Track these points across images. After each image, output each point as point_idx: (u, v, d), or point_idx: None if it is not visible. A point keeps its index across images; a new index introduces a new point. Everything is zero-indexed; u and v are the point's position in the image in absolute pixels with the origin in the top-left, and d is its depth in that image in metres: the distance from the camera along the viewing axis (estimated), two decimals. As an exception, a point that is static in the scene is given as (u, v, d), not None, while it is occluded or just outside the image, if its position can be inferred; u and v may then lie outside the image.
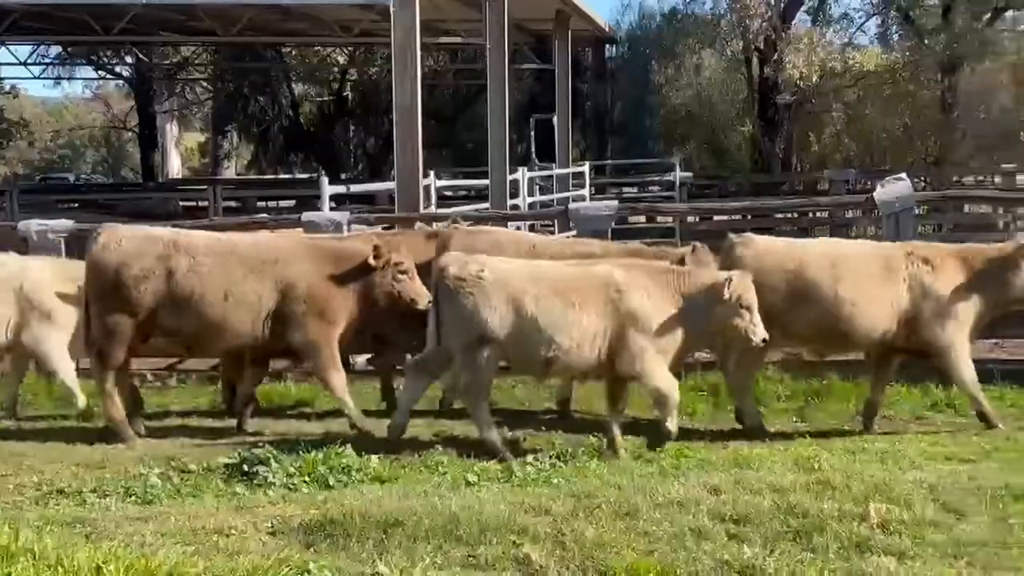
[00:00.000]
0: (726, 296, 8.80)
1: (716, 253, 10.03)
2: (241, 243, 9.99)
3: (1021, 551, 6.24)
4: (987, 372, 10.15)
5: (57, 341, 10.48)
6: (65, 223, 12.99)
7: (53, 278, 10.56)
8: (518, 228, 19.02)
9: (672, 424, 8.95)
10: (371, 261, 9.70)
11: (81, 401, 10.44)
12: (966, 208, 21.76)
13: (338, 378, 9.75)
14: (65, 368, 10.55)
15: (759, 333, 8.93)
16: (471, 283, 8.77)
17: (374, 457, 8.44)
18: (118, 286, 9.54)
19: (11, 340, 10.43)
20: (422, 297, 9.64)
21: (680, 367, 9.55)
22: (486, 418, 9.00)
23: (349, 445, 8.61)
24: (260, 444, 8.93)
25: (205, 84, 43.21)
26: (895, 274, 9.62)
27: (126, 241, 9.68)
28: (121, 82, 45.99)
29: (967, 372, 9.65)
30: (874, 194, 12.12)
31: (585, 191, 24.95)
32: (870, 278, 9.62)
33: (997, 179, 25.61)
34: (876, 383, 9.96)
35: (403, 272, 9.75)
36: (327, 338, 9.71)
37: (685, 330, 8.92)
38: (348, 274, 9.76)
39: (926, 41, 28.94)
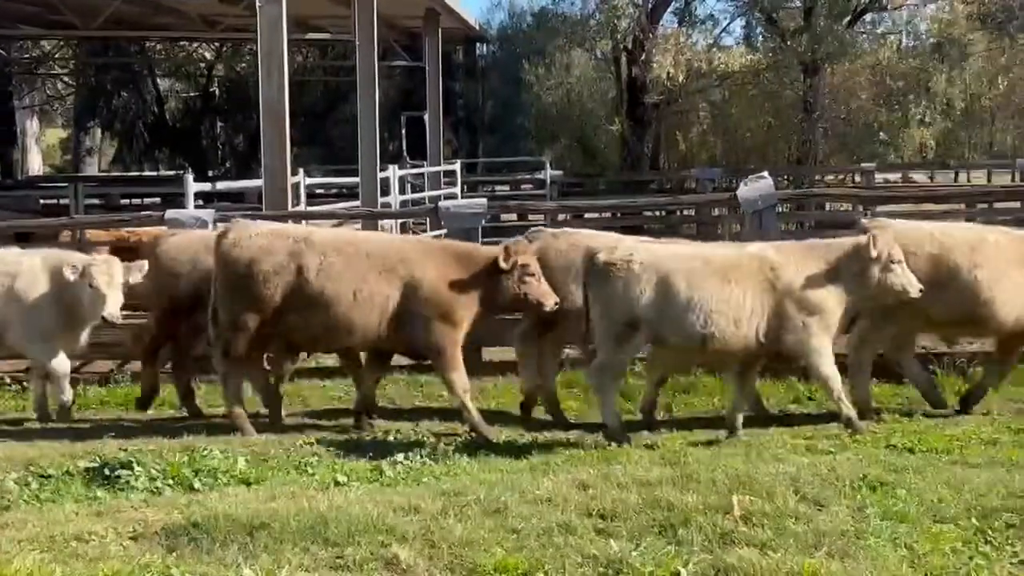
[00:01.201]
0: (874, 254, 8.89)
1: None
2: (368, 242, 9.98)
3: (878, 540, 6.40)
4: (844, 366, 10.36)
5: None
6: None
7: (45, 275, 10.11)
8: (389, 226, 19.09)
9: (848, 409, 9.11)
10: (501, 264, 9.60)
11: None
12: (827, 206, 22.28)
13: (460, 379, 9.63)
14: None
15: (915, 283, 9.03)
16: (621, 267, 8.77)
17: (241, 459, 8.32)
18: (249, 282, 9.41)
19: None
20: (549, 299, 9.63)
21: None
22: (611, 402, 9.10)
23: (214, 447, 8.47)
24: (123, 448, 8.75)
25: (67, 79, 42.10)
26: None
27: (257, 236, 9.56)
28: (-22, 77, 44.58)
29: None
30: (738, 192, 12.33)
31: (456, 189, 24.95)
32: (1009, 262, 9.79)
33: (857, 178, 26.28)
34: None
35: (530, 274, 9.66)
36: (452, 341, 9.62)
37: (844, 301, 8.99)
38: (475, 276, 9.68)
39: (789, 42, 29.49)
